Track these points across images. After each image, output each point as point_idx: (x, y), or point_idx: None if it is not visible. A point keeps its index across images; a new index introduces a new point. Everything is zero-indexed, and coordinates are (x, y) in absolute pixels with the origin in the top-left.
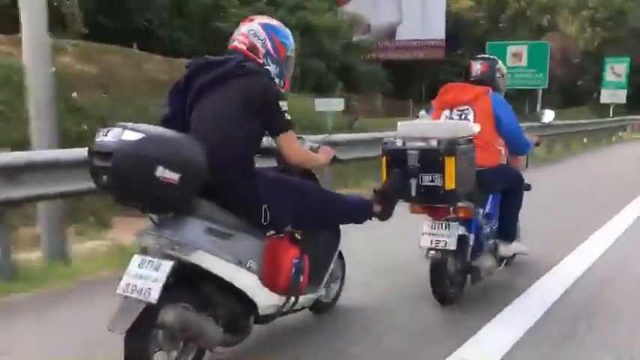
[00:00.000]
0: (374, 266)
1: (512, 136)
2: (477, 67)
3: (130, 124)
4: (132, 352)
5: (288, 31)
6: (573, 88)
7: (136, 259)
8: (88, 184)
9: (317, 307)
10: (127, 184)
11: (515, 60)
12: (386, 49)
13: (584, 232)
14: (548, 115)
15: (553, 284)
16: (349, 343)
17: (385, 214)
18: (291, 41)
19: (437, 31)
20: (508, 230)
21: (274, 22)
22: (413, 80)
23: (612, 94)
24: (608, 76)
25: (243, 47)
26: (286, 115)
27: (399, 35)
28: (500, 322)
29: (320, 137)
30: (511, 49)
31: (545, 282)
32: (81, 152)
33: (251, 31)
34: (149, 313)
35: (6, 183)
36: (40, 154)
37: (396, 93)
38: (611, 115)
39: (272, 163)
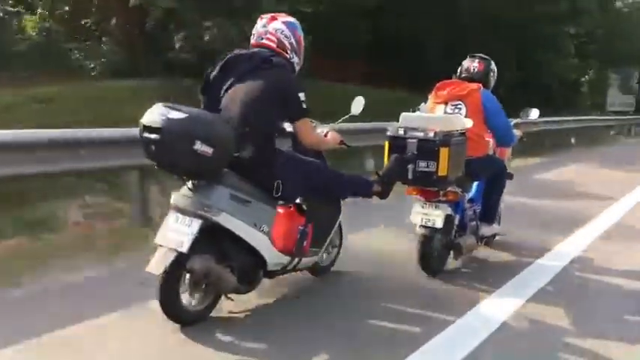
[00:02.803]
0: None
1: (499, 129)
2: (474, 65)
3: (174, 105)
4: (165, 290)
5: (298, 24)
6: None
7: (172, 215)
8: None
9: (316, 269)
10: (171, 154)
11: None
12: None
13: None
14: (534, 113)
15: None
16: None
17: (384, 194)
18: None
19: None
20: (489, 213)
21: (292, 19)
22: None
23: None
24: None
25: (273, 45)
26: (304, 104)
27: None
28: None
29: (328, 125)
30: None
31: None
32: None
33: (278, 30)
34: (180, 261)
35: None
36: None
37: None
38: None
39: (288, 143)
